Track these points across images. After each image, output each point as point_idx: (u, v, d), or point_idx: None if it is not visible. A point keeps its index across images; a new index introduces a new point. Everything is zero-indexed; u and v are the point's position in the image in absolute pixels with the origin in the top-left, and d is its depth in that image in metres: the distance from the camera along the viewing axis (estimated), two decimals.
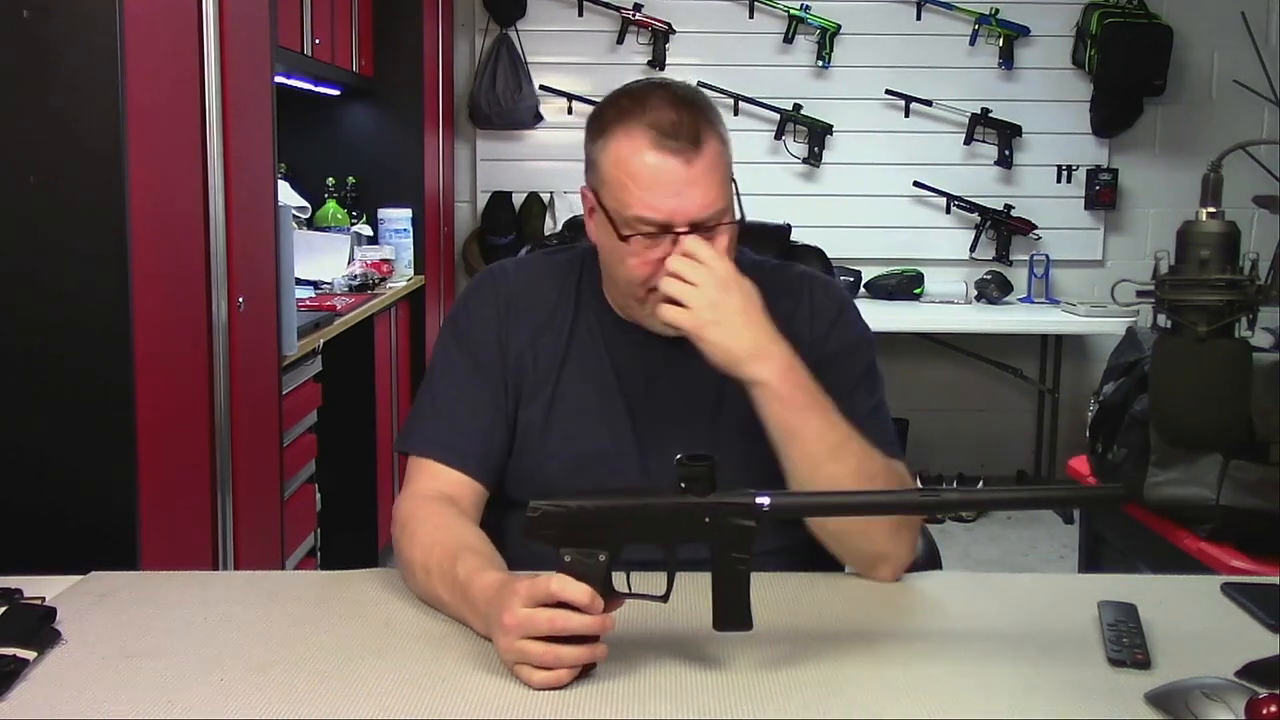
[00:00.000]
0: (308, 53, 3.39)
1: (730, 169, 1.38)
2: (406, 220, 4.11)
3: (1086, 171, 4.85)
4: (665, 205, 1.33)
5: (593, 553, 1.12)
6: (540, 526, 1.13)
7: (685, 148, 1.33)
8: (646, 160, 1.33)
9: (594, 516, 1.13)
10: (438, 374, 1.49)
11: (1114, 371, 2.57)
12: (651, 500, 1.14)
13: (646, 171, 1.33)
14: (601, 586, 1.11)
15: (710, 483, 1.12)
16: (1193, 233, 1.13)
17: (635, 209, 1.34)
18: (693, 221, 1.34)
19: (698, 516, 1.12)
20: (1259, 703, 0.99)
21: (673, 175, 1.33)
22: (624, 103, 1.38)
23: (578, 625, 1.09)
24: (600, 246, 1.43)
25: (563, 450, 1.44)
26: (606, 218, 1.37)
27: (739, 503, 1.12)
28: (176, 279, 2.09)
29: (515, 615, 1.10)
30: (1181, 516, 2.33)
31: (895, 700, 1.08)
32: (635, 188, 1.34)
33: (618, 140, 1.35)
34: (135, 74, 1.86)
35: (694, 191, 1.33)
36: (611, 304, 1.49)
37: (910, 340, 4.63)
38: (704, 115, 1.36)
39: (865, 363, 1.49)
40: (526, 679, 1.09)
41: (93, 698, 1.07)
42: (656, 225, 1.34)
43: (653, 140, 1.33)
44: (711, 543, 1.12)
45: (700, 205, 1.34)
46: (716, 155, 1.35)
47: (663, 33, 4.75)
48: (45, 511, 1.85)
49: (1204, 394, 1.12)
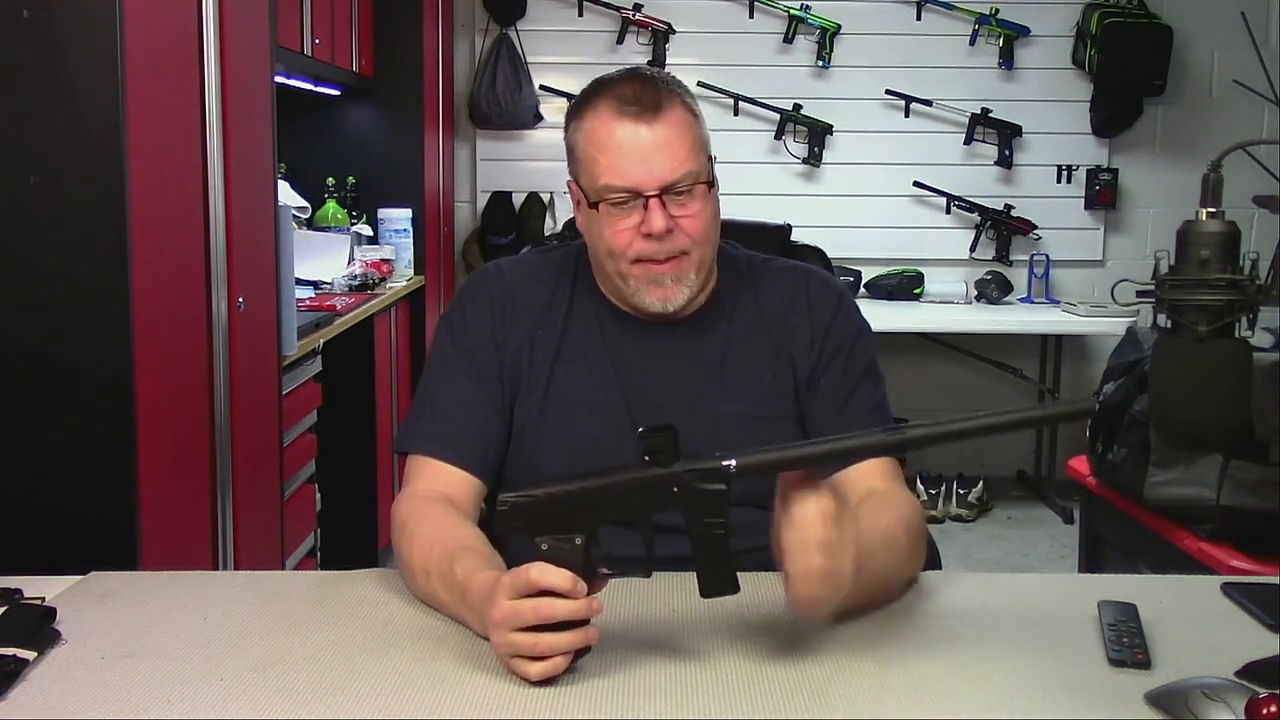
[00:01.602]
0: (308, 53, 3.39)
1: (701, 139, 1.40)
2: (406, 220, 4.11)
3: (1086, 171, 4.85)
4: (632, 172, 1.36)
5: (569, 537, 1.12)
6: (511, 518, 1.13)
7: (645, 113, 1.37)
8: (611, 130, 1.38)
9: (563, 501, 1.13)
10: (434, 373, 1.49)
11: (1114, 371, 2.57)
12: (618, 477, 1.14)
13: (611, 140, 1.37)
14: (582, 569, 1.11)
15: (674, 452, 1.12)
16: (1193, 233, 1.13)
17: (604, 178, 1.38)
18: (662, 185, 1.36)
19: (666, 487, 1.12)
20: (1259, 703, 0.99)
21: (635, 141, 1.37)
22: (592, 87, 1.44)
23: (564, 611, 1.09)
24: (585, 234, 1.45)
25: (558, 442, 1.44)
26: (584, 197, 1.41)
27: (707, 468, 1.12)
28: (176, 279, 2.09)
29: (501, 609, 1.10)
30: (1181, 516, 2.33)
31: (895, 700, 1.08)
32: (602, 157, 1.38)
33: (587, 121, 1.41)
34: (135, 74, 1.86)
35: (659, 156, 1.36)
36: (608, 296, 1.49)
37: (910, 340, 4.62)
38: (668, 87, 1.40)
39: (867, 356, 1.50)
40: (524, 672, 1.10)
41: (93, 698, 1.07)
42: (624, 191, 1.37)
43: (615, 110, 1.38)
44: (684, 511, 1.12)
45: (668, 170, 1.36)
46: (681, 120, 1.38)
47: (663, 33, 4.75)
48: (45, 511, 1.85)
49: (1204, 394, 1.12)
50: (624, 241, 1.39)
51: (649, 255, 1.39)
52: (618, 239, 1.39)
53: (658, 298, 1.42)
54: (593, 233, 1.43)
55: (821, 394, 1.47)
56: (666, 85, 1.40)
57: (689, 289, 1.43)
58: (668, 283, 1.41)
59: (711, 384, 1.45)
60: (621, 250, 1.39)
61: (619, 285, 1.44)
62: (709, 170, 1.41)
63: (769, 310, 1.50)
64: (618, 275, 1.42)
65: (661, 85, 1.40)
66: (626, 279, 1.42)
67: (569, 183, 1.47)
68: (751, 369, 1.47)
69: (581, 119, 1.42)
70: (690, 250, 1.40)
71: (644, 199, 1.37)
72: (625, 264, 1.40)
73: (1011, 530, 4.51)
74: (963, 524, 4.55)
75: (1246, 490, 2.23)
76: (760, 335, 1.49)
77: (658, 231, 1.37)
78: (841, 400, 1.46)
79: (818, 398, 1.47)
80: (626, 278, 1.41)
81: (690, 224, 1.39)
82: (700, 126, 1.41)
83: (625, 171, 1.36)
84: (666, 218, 1.37)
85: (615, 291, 1.47)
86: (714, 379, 1.45)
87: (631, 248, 1.39)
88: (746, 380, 1.47)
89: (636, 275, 1.41)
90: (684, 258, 1.40)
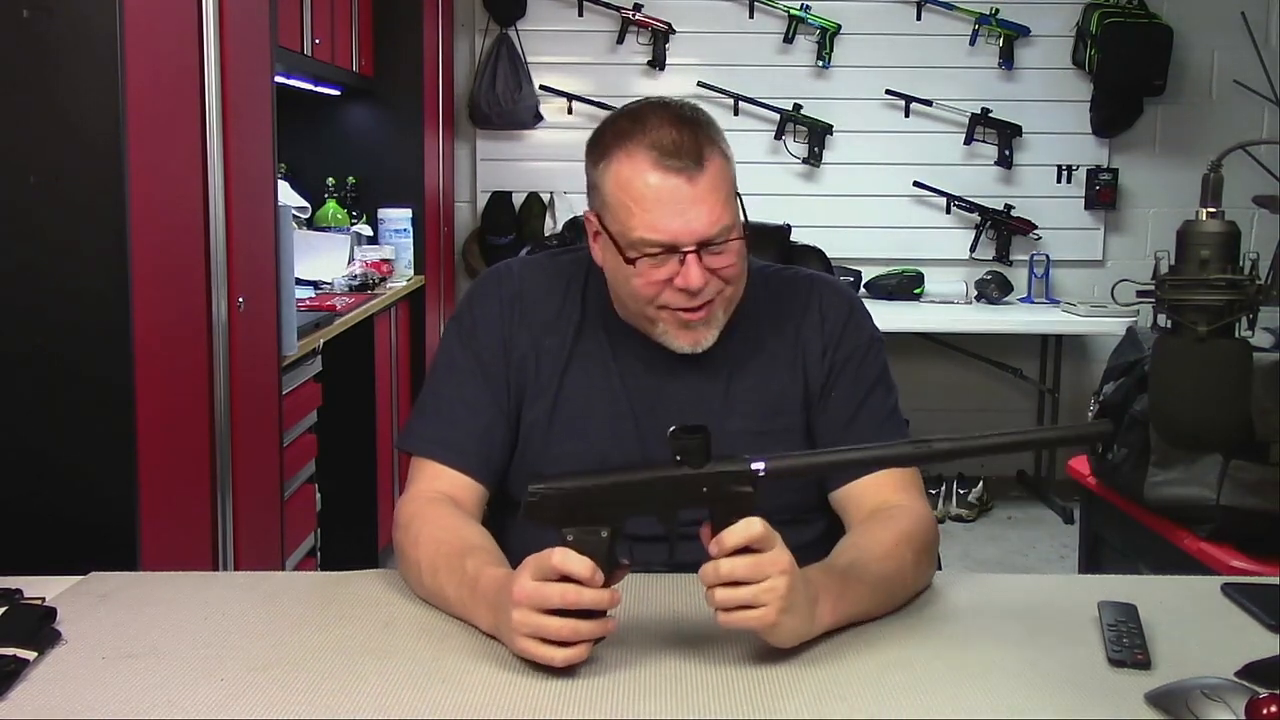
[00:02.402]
0: (308, 53, 3.39)
1: (734, 184, 1.36)
2: (406, 220, 4.11)
3: (1086, 171, 4.85)
4: (670, 226, 1.31)
5: (595, 530, 1.13)
6: (540, 509, 1.14)
7: (688, 166, 1.31)
8: (649, 181, 1.31)
9: (592, 495, 1.13)
10: (441, 373, 1.48)
11: (1114, 371, 2.57)
12: (649, 475, 1.14)
13: (650, 193, 1.31)
14: (605, 562, 1.12)
15: (705, 453, 1.13)
16: (1193, 233, 1.13)
17: (640, 231, 1.32)
18: (699, 240, 1.32)
19: (695, 487, 1.13)
20: (1259, 703, 0.99)
21: (676, 195, 1.31)
22: (623, 124, 1.35)
23: (588, 600, 1.10)
24: (606, 269, 1.41)
25: (566, 452, 1.43)
26: (611, 241, 1.36)
27: (735, 470, 1.13)
28: (176, 279, 2.09)
29: (524, 588, 1.11)
30: (1181, 516, 2.33)
31: (895, 700, 1.08)
32: (639, 210, 1.31)
33: (619, 163, 1.33)
34: (135, 74, 1.86)
35: (699, 210, 1.31)
36: (618, 310, 1.48)
37: (910, 340, 4.62)
38: (705, 132, 1.34)
39: (879, 364, 1.50)
40: (545, 656, 1.10)
41: (93, 698, 1.07)
42: (662, 246, 1.32)
43: (654, 161, 1.31)
44: (711, 512, 1.13)
45: (706, 224, 1.31)
46: (720, 171, 1.33)
47: (663, 33, 4.75)
48: (45, 511, 1.85)
49: (1204, 394, 1.12)
50: (655, 291, 1.35)
51: (682, 305, 1.36)
52: (649, 289, 1.35)
53: (688, 342, 1.39)
54: (618, 277, 1.38)
55: (833, 403, 1.46)
56: (705, 131, 1.34)
57: (718, 329, 1.40)
58: (699, 328, 1.38)
59: (719, 400, 1.44)
60: (651, 298, 1.36)
61: (644, 326, 1.41)
62: (741, 217, 1.37)
63: (780, 321, 1.48)
64: (644, 318, 1.39)
65: (701, 132, 1.33)
66: (655, 322, 1.38)
67: (587, 214, 1.41)
68: (759, 382, 1.46)
69: (612, 159, 1.34)
70: (724, 291, 1.38)
71: (680, 255, 1.32)
72: (653, 309, 1.37)
73: (1011, 530, 4.51)
74: (963, 524, 4.55)
75: (1246, 490, 2.23)
76: (771, 346, 1.47)
77: (695, 288, 1.33)
78: (853, 409, 1.46)
79: (830, 406, 1.46)
80: (655, 321, 1.38)
81: (726, 272, 1.36)
82: (731, 169, 1.36)
83: (662, 226, 1.31)
84: (704, 272, 1.32)
85: (635, 323, 1.43)
86: (721, 395, 1.44)
87: (662, 296, 1.35)
88: (754, 395, 1.45)
89: (665, 319, 1.37)
90: (717, 298, 1.38)
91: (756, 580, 1.11)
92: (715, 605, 1.12)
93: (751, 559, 1.11)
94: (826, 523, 1.49)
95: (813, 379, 1.47)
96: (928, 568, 1.35)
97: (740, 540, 1.11)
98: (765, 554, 1.12)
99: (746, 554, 1.11)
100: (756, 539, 1.11)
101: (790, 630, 1.14)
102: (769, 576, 1.11)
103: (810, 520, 1.48)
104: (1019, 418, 5.02)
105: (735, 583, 1.11)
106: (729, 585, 1.11)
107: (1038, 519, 4.64)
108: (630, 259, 1.33)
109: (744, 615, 1.12)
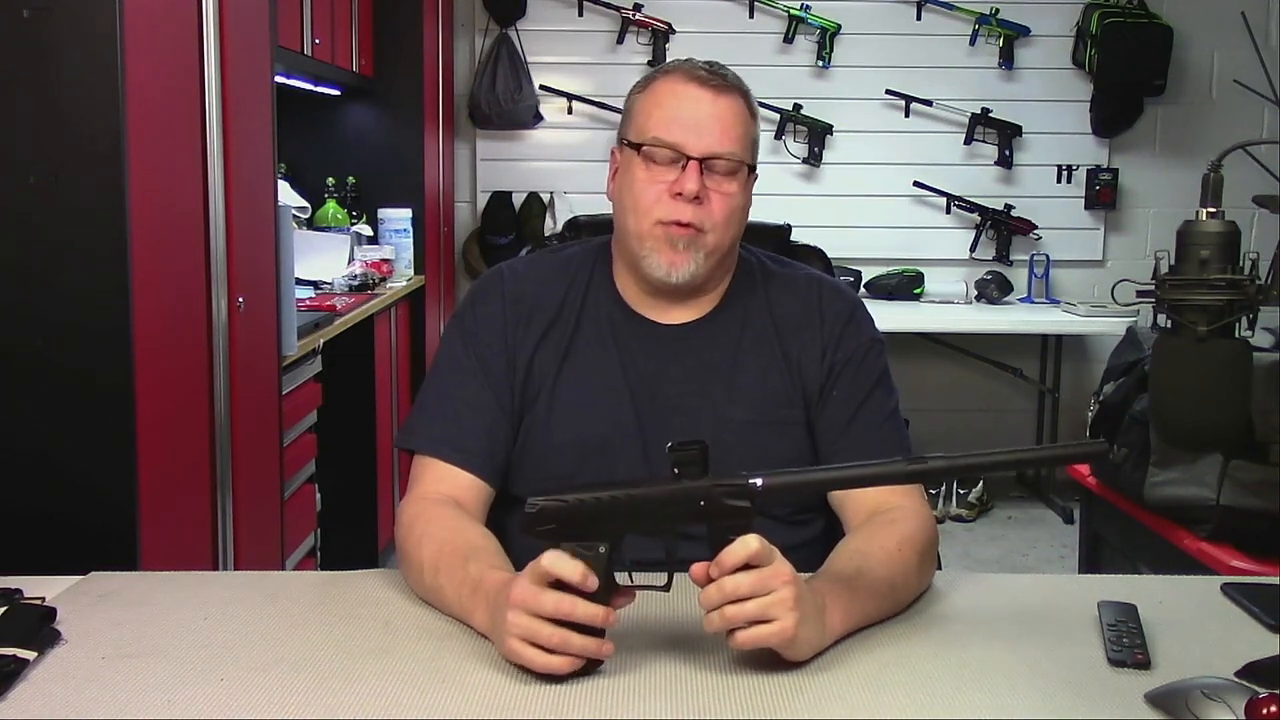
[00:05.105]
0: (308, 53, 3.39)
1: (754, 136, 1.45)
2: (406, 220, 4.11)
3: (1086, 171, 4.85)
4: (683, 131, 1.39)
5: (593, 545, 1.12)
6: (539, 522, 1.13)
7: (716, 83, 1.41)
8: (674, 89, 1.42)
9: (591, 509, 1.13)
10: (443, 372, 1.48)
11: (1114, 371, 2.57)
12: (647, 489, 1.14)
13: (671, 98, 1.41)
14: (603, 577, 1.12)
15: (703, 466, 1.13)
16: (1193, 233, 1.13)
17: (654, 130, 1.41)
18: (706, 153, 1.39)
19: (694, 500, 1.12)
20: (1259, 703, 0.99)
21: (697, 104, 1.40)
22: (669, 64, 1.47)
23: (582, 612, 1.10)
24: (617, 193, 1.46)
25: (565, 441, 1.44)
26: (626, 147, 1.43)
27: (733, 484, 1.13)
28: (176, 279, 2.09)
29: (522, 591, 1.11)
30: (1181, 516, 2.33)
31: (895, 701, 1.08)
32: (658, 111, 1.41)
33: (655, 83, 1.45)
34: (135, 74, 1.86)
35: (712, 125, 1.40)
36: (621, 293, 1.49)
37: (910, 340, 4.62)
38: (741, 85, 1.45)
39: (880, 366, 1.50)
40: (530, 659, 1.10)
41: (93, 698, 1.07)
42: (669, 146, 1.39)
43: (686, 74, 1.42)
44: (709, 526, 1.12)
45: (716, 139, 1.40)
46: (741, 108, 1.43)
47: (663, 33, 4.75)
48: (45, 512, 1.85)
49: (1204, 394, 1.12)
50: (651, 198, 1.40)
51: (673, 217, 1.39)
52: (647, 193, 1.41)
53: (665, 261, 1.41)
54: (623, 186, 1.44)
55: (833, 404, 1.46)
56: (741, 85, 1.45)
57: (697, 265, 1.42)
58: (680, 247, 1.41)
59: (720, 387, 1.45)
60: (648, 208, 1.41)
61: (634, 247, 1.43)
62: (752, 164, 1.45)
63: (781, 318, 1.49)
64: (636, 236, 1.43)
65: (737, 83, 1.45)
66: (644, 240, 1.42)
67: (613, 149, 1.50)
68: (761, 374, 1.47)
69: (649, 86, 1.45)
70: (710, 231, 1.41)
71: (684, 161, 1.39)
72: (648, 224, 1.41)
73: (1011, 530, 4.51)
74: (963, 524, 4.55)
75: (1246, 490, 2.23)
76: (771, 342, 1.48)
77: (689, 193, 1.38)
78: (853, 411, 1.46)
79: (829, 408, 1.46)
80: (644, 239, 1.42)
81: (719, 202, 1.40)
82: (756, 128, 1.46)
83: (676, 129, 1.39)
84: (700, 184, 1.38)
85: (630, 264, 1.46)
86: (723, 382, 1.45)
87: (658, 206, 1.40)
88: (756, 385, 1.46)
89: (655, 236, 1.41)
90: (701, 235, 1.41)
91: (761, 594, 1.10)
92: (724, 623, 1.11)
93: (754, 574, 1.10)
94: (825, 522, 1.49)
95: (811, 379, 1.47)
96: (929, 570, 1.36)
97: (740, 559, 1.10)
98: (766, 568, 1.11)
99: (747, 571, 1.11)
100: (755, 555, 1.10)
101: (806, 641, 1.13)
102: (773, 590, 1.10)
103: (809, 519, 1.48)
104: (1019, 418, 5.02)
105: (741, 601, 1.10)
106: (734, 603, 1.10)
107: (1038, 519, 4.64)
108: (637, 147, 1.41)
109: (761, 632, 1.10)
